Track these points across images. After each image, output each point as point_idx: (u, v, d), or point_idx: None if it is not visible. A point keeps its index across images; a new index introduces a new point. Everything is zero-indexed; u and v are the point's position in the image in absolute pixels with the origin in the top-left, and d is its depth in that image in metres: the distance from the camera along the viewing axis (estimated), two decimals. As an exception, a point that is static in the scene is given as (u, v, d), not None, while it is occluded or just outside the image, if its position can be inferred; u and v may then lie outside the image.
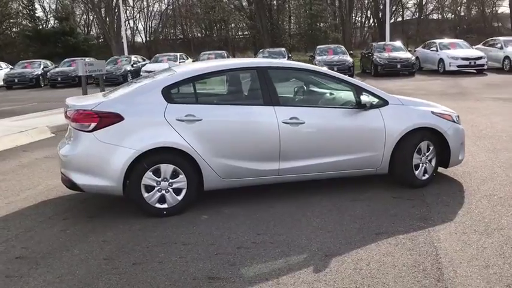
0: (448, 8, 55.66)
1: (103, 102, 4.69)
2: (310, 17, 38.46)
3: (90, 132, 4.56)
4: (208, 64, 5.36)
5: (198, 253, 3.90)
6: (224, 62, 5.65)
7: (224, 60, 6.08)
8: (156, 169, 4.65)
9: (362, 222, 4.45)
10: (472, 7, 57.29)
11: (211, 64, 5.29)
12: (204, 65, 5.25)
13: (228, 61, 5.72)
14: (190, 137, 4.66)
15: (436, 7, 49.68)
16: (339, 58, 22.01)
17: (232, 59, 9.87)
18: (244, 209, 4.88)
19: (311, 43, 37.96)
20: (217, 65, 5.18)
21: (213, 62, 5.86)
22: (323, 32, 38.80)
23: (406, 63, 20.68)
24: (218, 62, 5.59)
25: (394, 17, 44.43)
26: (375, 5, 43.01)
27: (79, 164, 4.60)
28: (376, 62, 20.94)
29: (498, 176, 5.71)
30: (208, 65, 5.27)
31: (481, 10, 56.34)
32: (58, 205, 5.28)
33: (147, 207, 4.70)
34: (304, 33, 39.11)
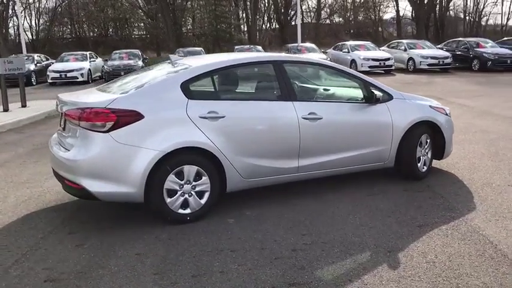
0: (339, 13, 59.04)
1: (117, 98, 4.16)
2: (214, 17, 38.30)
3: (106, 133, 4.03)
4: (224, 57, 4.99)
5: (255, 259, 3.61)
6: (238, 55, 5.32)
7: (236, 54, 5.74)
8: (179, 171, 4.24)
9: (395, 215, 4.44)
10: (359, 13, 61.28)
11: (227, 57, 4.94)
12: (220, 58, 4.89)
13: (241, 55, 5.41)
14: (214, 136, 4.32)
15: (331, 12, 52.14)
16: None
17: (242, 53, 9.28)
18: (267, 210, 4.64)
19: (216, 44, 37.91)
20: (234, 59, 4.86)
21: (224, 55, 5.49)
22: (228, 33, 38.88)
23: None
24: (232, 56, 5.24)
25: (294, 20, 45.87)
26: (276, 8, 44.08)
27: (93, 169, 4.04)
28: None
29: (479, 165, 6.05)
30: (224, 58, 4.92)
31: (368, 16, 60.46)
32: (49, 217, 4.61)
33: (170, 214, 4.27)
34: (209, 33, 38.85)
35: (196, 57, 5.71)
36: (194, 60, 5.11)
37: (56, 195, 5.28)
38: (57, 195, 5.29)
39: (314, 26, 48.44)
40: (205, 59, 5.18)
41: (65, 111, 4.29)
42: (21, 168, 6.55)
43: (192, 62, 4.85)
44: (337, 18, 59.36)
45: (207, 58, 5.23)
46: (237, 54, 5.70)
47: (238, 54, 5.26)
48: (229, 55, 5.36)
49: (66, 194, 5.19)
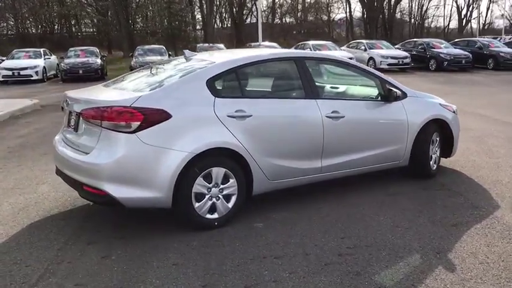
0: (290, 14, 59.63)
1: (142, 96, 3.84)
2: (168, 15, 37.53)
3: (132, 134, 3.70)
4: (244, 53, 4.73)
5: (304, 266, 3.41)
6: (257, 51, 5.07)
7: (254, 50, 5.47)
8: (207, 174, 3.97)
9: (425, 215, 4.36)
10: (309, 14, 62.14)
11: (248, 53, 4.68)
12: (242, 54, 4.62)
13: (261, 51, 5.16)
14: (241, 135, 4.09)
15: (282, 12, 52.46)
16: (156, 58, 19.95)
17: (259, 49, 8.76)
18: (292, 213, 4.44)
19: (171, 42, 37.17)
20: (256, 55, 4.61)
21: (244, 51, 5.21)
22: (182, 32, 38.22)
23: None
24: (251, 52, 4.97)
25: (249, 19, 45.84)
26: (230, 7, 43.80)
27: (118, 174, 3.70)
28: None
29: (480, 163, 6.11)
30: (246, 54, 4.66)
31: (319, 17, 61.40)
32: (58, 226, 4.21)
33: (198, 219, 3.99)
34: (163, 31, 38.04)
35: (212, 53, 5.44)
36: (212, 55, 4.84)
37: (55, 202, 4.87)
38: (56, 201, 4.89)
39: (269, 25, 48.51)
40: (223, 54, 4.92)
41: (81, 111, 3.91)
42: (3, 173, 6.02)
43: (211, 57, 4.58)
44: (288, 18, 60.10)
45: (224, 54, 4.97)
46: (255, 50, 5.46)
47: (257, 51, 5.02)
48: (247, 51, 5.11)
49: (67, 201, 4.83)
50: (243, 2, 45.27)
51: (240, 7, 45.01)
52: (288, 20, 59.95)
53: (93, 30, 46.53)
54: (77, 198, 4.91)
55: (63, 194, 5.09)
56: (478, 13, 58.61)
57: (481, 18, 66.94)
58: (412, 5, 65.04)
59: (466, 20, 68.96)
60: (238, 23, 44.98)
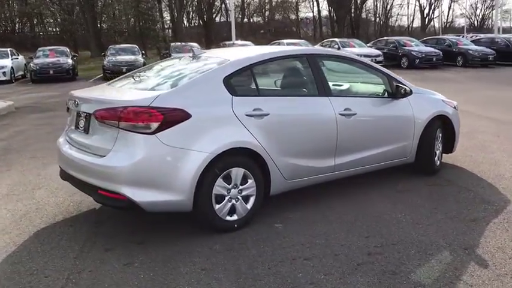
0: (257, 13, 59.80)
1: (160, 96, 3.68)
2: (137, 14, 36.90)
3: (152, 135, 3.55)
4: (258, 51, 4.60)
5: (337, 266, 3.34)
6: (269, 49, 4.94)
7: (265, 48, 5.34)
8: (227, 175, 3.86)
9: (441, 211, 4.36)
10: (276, 13, 62.39)
11: (262, 51, 4.55)
12: (255, 52, 4.50)
13: (273, 48, 5.05)
14: (259, 135, 3.99)
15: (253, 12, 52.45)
16: (129, 58, 20.17)
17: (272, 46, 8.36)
18: (308, 212, 4.37)
19: (139, 42, 36.57)
20: (270, 52, 4.50)
21: (256, 48, 5.09)
22: (152, 31, 37.65)
23: None
24: (265, 49, 4.84)
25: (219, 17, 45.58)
26: (199, 6, 43.43)
27: (137, 177, 3.53)
28: None
29: (477, 158, 6.19)
30: (260, 51, 4.54)
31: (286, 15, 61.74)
32: (68, 233, 4.00)
33: (218, 222, 3.87)
34: (132, 31, 37.38)
35: (221, 50, 5.30)
36: (223, 53, 4.71)
37: (58, 208, 4.65)
38: (59, 207, 4.67)
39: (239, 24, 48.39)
40: (234, 52, 4.80)
41: (94, 111, 3.72)
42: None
43: (223, 55, 4.45)
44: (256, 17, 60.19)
45: (235, 51, 4.85)
46: (266, 47, 5.35)
47: (267, 48, 4.90)
48: (259, 48, 5.00)
49: (70, 206, 4.63)
50: (212, 1, 44.99)
51: (210, 6, 44.72)
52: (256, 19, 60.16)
53: (57, 29, 45.23)
54: (80, 203, 4.72)
55: (64, 199, 4.87)
56: (439, 12, 60.12)
57: (443, 17, 68.75)
58: (377, 4, 66.27)
59: (429, 19, 70.77)
60: (207, 22, 44.67)
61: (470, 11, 73.31)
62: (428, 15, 69.97)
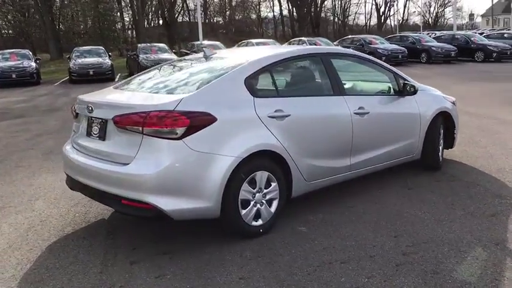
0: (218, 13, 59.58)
1: (184, 99, 3.52)
2: (97, 15, 35.96)
3: (179, 140, 3.39)
4: (273, 51, 4.48)
5: (377, 269, 3.28)
6: (283, 48, 4.82)
7: (281, 47, 5.19)
8: (251, 179, 3.74)
9: (459, 207, 4.38)
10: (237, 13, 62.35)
11: (276, 51, 4.44)
12: (271, 52, 4.37)
13: (287, 48, 4.92)
14: (281, 136, 3.89)
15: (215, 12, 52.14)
16: (97, 60, 19.84)
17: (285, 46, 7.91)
18: (328, 213, 4.30)
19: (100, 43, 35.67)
20: (286, 51, 4.38)
21: (269, 48, 4.95)
22: (113, 32, 36.80)
23: None
24: (279, 49, 4.72)
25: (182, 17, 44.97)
26: (161, 6, 42.77)
27: (165, 184, 3.37)
28: (143, 64, 19.40)
29: (473, 153, 6.29)
30: (275, 51, 4.41)
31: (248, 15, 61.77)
32: (84, 247, 3.78)
33: (245, 227, 3.75)
34: (93, 32, 36.41)
35: (233, 51, 5.15)
36: (235, 53, 4.57)
37: (64, 219, 4.40)
38: (64, 219, 4.43)
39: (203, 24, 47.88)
40: (248, 52, 4.68)
41: (114, 117, 3.52)
42: (-18, 190, 5.38)
43: (237, 55, 4.32)
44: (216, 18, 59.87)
45: (248, 51, 4.73)
46: (277, 47, 5.22)
47: (280, 47, 4.79)
48: (268, 48, 4.88)
49: (76, 217, 4.42)
50: (173, 1, 44.41)
51: (171, 6, 44.12)
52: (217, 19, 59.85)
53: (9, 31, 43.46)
54: (86, 213, 4.50)
55: (68, 210, 4.62)
56: (394, 11, 61.61)
57: (399, 15, 70.53)
58: (335, 4, 67.29)
59: (385, 17, 72.43)
60: (169, 22, 44.04)
61: (424, 9, 75.54)
62: (384, 13, 71.65)
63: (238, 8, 61.31)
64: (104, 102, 3.81)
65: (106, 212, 4.54)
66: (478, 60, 24.36)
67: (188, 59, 4.83)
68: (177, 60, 4.96)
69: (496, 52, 23.98)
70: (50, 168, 6.24)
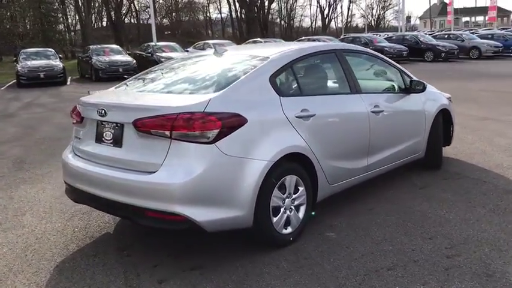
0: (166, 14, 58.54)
1: (212, 99, 3.21)
2: (40, 16, 34.29)
3: (211, 144, 3.08)
4: (291, 47, 4.20)
5: (426, 274, 3.11)
6: (299, 45, 4.54)
7: (291, 44, 4.89)
8: (282, 184, 3.49)
9: (479, 205, 4.31)
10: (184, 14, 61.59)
11: (294, 47, 4.16)
12: (290, 48, 4.10)
13: (303, 44, 4.65)
14: (308, 137, 3.66)
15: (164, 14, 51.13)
16: (47, 63, 18.80)
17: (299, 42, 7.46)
18: (349, 217, 4.12)
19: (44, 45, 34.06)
20: (304, 47, 4.11)
21: (279, 45, 4.64)
22: (57, 33, 35.21)
23: (128, 67, 19.45)
24: (295, 45, 4.43)
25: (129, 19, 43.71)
26: (107, 7, 41.41)
27: (198, 193, 3.05)
28: (97, 66, 19.09)
29: (465, 149, 6.33)
30: (293, 47, 4.15)
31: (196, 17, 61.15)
32: (96, 266, 3.39)
33: (277, 236, 3.49)
34: (35, 34, 34.66)
35: (245, 47, 4.85)
36: (249, 50, 4.28)
37: (63, 236, 3.98)
38: (63, 235, 4.00)
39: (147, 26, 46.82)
40: (264, 49, 4.40)
41: (135, 120, 3.16)
42: (-44, 206, 4.81)
43: (252, 52, 4.05)
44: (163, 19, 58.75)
45: (263, 48, 4.46)
46: (292, 44, 4.96)
47: (295, 44, 4.53)
48: (288, 44, 4.60)
49: (76, 232, 4.04)
50: (120, 2, 43.12)
51: (118, 7, 42.82)
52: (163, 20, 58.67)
53: None
54: (86, 228, 4.11)
55: (64, 225, 4.19)
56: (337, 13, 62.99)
57: (343, 17, 72.12)
58: (281, 6, 67.91)
59: (329, 19, 73.87)
60: (116, 24, 42.72)
61: (367, 11, 77.65)
62: (328, 15, 73.05)
63: (185, 10, 60.55)
64: (120, 104, 3.44)
65: (108, 225, 4.15)
66: (428, 60, 25.18)
67: (197, 57, 4.50)
68: (184, 58, 4.61)
69: (445, 52, 24.87)
70: (26, 178, 5.71)
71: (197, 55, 4.61)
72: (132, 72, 19.46)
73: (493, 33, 30.44)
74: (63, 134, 8.38)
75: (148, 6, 46.05)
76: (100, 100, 3.57)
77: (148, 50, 21.97)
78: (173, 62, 4.44)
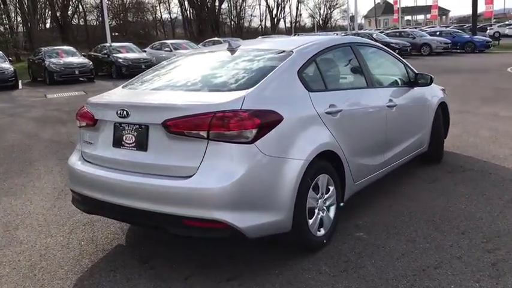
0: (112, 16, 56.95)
1: (246, 96, 2.97)
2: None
3: (251, 144, 2.85)
4: (310, 38, 3.97)
5: (477, 270, 3.01)
6: (316, 37, 4.32)
7: (311, 37, 4.63)
8: (315, 184, 3.30)
9: (495, 197, 4.29)
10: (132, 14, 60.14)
11: (311, 39, 3.96)
12: (309, 40, 3.89)
13: (321, 37, 4.43)
14: (336, 134, 3.49)
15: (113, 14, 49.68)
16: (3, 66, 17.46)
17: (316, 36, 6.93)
18: (372, 216, 3.99)
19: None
20: (328, 40, 3.95)
21: (291, 38, 4.42)
22: (1, 36, 33.40)
23: (84, 69, 18.73)
24: (312, 38, 4.19)
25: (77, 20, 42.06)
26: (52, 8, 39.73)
27: (240, 197, 2.81)
28: (51, 69, 18.15)
29: (455, 143, 6.35)
30: (313, 39, 3.92)
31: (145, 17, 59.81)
32: (119, 283, 3.08)
33: (313, 239, 3.31)
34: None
35: (256, 42, 4.60)
36: (262, 44, 4.06)
37: (70, 250, 3.62)
38: (70, 249, 3.65)
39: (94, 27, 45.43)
40: (280, 41, 4.21)
41: (165, 121, 2.88)
42: None
43: (270, 45, 3.85)
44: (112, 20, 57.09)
45: (278, 41, 4.25)
46: (303, 37, 4.75)
47: (313, 37, 4.32)
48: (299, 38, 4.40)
49: (84, 245, 3.72)
50: (66, 3, 41.48)
51: (65, 7, 41.17)
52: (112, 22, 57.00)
53: None
54: (93, 240, 3.79)
55: (67, 238, 3.84)
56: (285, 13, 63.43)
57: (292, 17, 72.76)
58: (231, 6, 67.68)
59: (277, 19, 74.34)
60: (63, 25, 41.09)
61: (314, 10, 78.78)
62: (276, 15, 73.51)
63: (133, 10, 59.12)
64: (146, 104, 3.13)
65: (117, 236, 3.83)
66: (383, 57, 25.70)
67: (209, 52, 4.22)
68: (194, 53, 4.31)
69: (398, 49, 25.42)
70: (6, 189, 5.25)
71: (209, 50, 4.34)
72: (89, 74, 18.72)
73: (441, 31, 31.51)
74: (31, 141, 7.89)
75: (96, 6, 44.79)
76: (120, 100, 3.25)
77: (104, 51, 21.17)
78: (183, 58, 4.15)
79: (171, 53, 21.88)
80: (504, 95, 10.67)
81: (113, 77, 19.95)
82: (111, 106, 3.18)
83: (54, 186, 5.26)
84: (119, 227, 3.97)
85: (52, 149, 7.22)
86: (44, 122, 9.98)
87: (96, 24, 47.88)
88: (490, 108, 9.03)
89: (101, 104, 3.32)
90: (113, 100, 3.31)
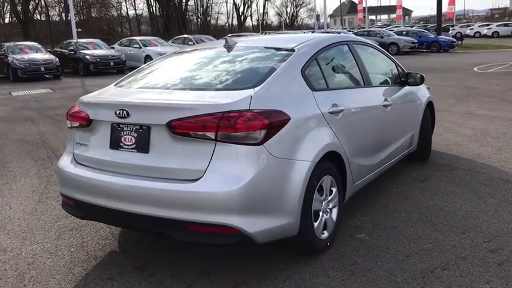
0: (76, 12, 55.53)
1: (254, 95, 2.85)
2: None
3: (260, 145, 2.74)
4: (308, 36, 3.88)
5: (483, 271, 2.99)
6: (314, 35, 4.20)
7: (301, 34, 4.51)
8: (320, 185, 3.22)
9: (488, 195, 4.32)
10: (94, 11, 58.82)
11: (310, 36, 3.86)
12: (307, 38, 3.79)
13: (319, 34, 4.33)
14: (339, 134, 3.42)
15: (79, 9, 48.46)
16: None
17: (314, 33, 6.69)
18: (370, 216, 3.95)
19: None
20: (326, 38, 3.87)
21: (287, 35, 4.29)
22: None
23: (50, 66, 18.19)
24: (311, 35, 4.09)
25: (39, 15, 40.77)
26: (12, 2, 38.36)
27: (250, 201, 2.70)
28: (15, 66, 17.63)
29: (439, 141, 6.41)
30: (311, 36, 3.83)
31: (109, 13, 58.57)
32: None
33: (318, 242, 3.23)
34: None
35: (252, 39, 4.46)
36: (259, 42, 3.94)
37: (60, 258, 3.42)
38: (60, 256, 3.46)
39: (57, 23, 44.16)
40: (278, 38, 4.08)
41: (170, 121, 2.73)
42: None
43: (266, 42, 3.74)
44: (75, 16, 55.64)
45: (276, 38, 4.13)
46: (298, 34, 4.63)
47: (311, 34, 4.20)
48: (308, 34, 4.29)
49: (74, 252, 3.54)
50: (28, -4, 40.16)
51: (26, 1, 39.78)
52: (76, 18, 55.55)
53: None
54: (83, 245, 3.62)
55: (54, 244, 3.63)
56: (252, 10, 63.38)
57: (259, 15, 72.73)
58: (197, 3, 67.03)
59: (244, 17, 74.17)
60: (24, 20, 39.74)
61: (281, 9, 79.03)
62: (243, 13, 73.30)
63: (98, 5, 57.81)
64: (147, 103, 2.96)
65: (108, 241, 3.65)
66: (352, 56, 25.92)
67: (205, 49, 4.06)
68: (188, 51, 4.14)
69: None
70: (-21, 193, 4.95)
71: (205, 47, 4.18)
72: (55, 71, 18.13)
73: (408, 30, 32.09)
74: (1, 141, 7.52)
75: (59, 1, 43.55)
76: (118, 99, 3.08)
77: (71, 48, 20.55)
78: (178, 55, 3.99)
79: (140, 50, 21.46)
80: (475, 94, 10.88)
81: (80, 74, 19.41)
82: (109, 106, 3.01)
83: (32, 189, 5.00)
84: (109, 231, 3.79)
85: (25, 149, 6.90)
86: (12, 121, 9.56)
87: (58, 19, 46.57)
88: (464, 107, 9.19)
89: (97, 103, 3.14)
90: (110, 99, 3.13)
